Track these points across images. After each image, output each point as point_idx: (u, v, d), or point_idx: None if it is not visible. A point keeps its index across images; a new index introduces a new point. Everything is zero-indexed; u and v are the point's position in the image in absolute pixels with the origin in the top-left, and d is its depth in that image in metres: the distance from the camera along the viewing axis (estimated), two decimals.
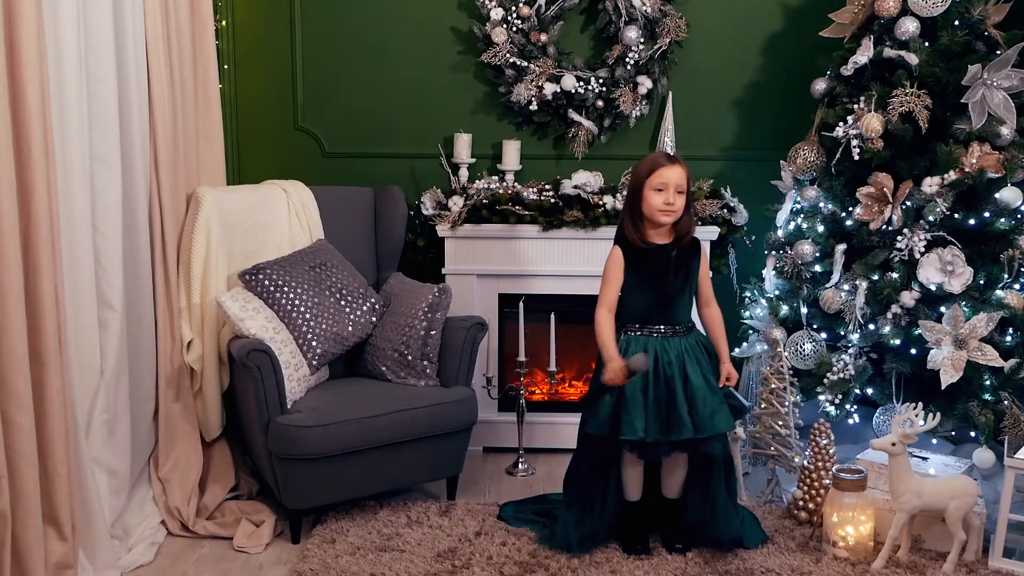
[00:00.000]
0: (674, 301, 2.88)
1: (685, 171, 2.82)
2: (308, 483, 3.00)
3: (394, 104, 4.01)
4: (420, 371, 3.32)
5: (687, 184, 2.83)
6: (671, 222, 2.84)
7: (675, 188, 2.79)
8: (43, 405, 2.50)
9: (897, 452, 2.78)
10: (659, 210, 2.80)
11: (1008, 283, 3.18)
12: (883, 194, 3.27)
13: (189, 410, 3.24)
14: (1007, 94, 3.19)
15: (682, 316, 2.90)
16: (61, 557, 2.57)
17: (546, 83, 3.81)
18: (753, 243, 3.90)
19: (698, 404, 2.77)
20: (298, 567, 2.83)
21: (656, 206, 2.80)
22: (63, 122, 2.66)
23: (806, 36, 3.80)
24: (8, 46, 2.36)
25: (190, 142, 3.39)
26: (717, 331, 2.96)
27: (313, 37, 3.98)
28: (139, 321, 3.08)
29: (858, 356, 3.32)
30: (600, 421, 2.81)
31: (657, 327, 2.87)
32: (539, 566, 2.83)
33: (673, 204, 2.79)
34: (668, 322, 2.87)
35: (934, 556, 2.89)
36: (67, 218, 2.69)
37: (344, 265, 3.48)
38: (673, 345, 2.85)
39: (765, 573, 2.80)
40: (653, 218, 2.83)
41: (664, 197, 2.79)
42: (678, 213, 2.82)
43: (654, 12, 3.79)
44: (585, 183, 3.76)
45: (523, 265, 3.82)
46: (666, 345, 2.84)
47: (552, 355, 3.65)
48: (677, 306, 2.88)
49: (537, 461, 3.78)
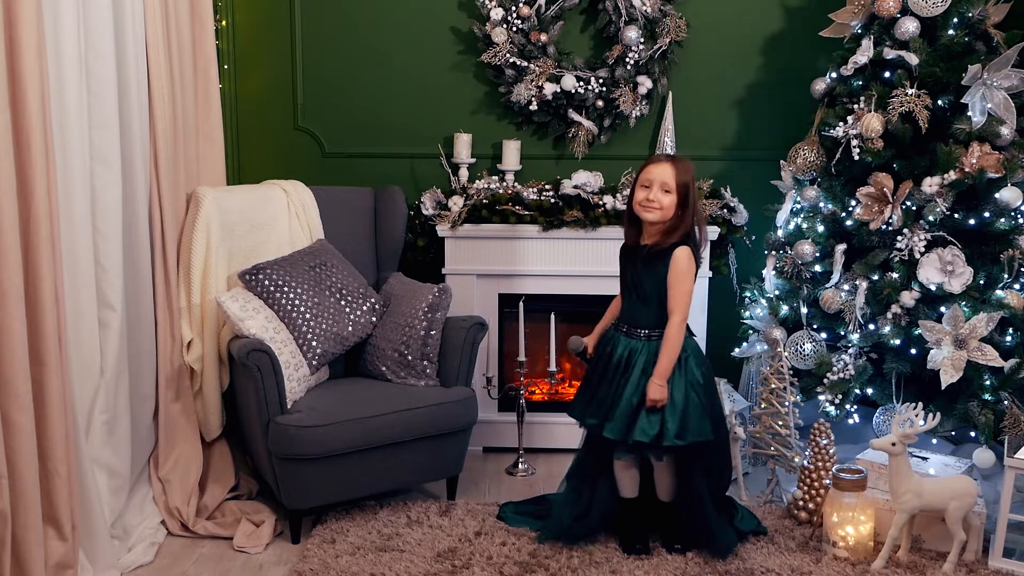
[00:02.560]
0: (640, 303, 2.87)
1: (678, 171, 2.78)
2: (308, 483, 3.00)
3: (394, 104, 4.01)
4: (420, 371, 3.32)
5: (680, 184, 2.77)
6: (652, 219, 2.80)
7: (660, 186, 2.77)
8: (43, 405, 2.50)
9: (897, 452, 2.78)
10: (639, 204, 2.81)
11: (1008, 283, 3.18)
12: (883, 194, 3.27)
13: (189, 410, 3.24)
14: (1007, 94, 3.19)
15: (643, 319, 2.86)
16: (61, 557, 2.57)
17: (546, 83, 3.81)
18: (753, 243, 3.90)
19: (622, 406, 2.80)
20: (298, 567, 2.83)
21: (637, 200, 2.81)
22: (63, 122, 2.66)
23: (806, 36, 3.80)
24: (8, 46, 2.36)
25: (190, 142, 3.39)
26: (663, 346, 2.79)
27: (313, 37, 3.98)
28: (139, 321, 3.08)
29: (858, 356, 3.32)
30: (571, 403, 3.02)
31: (622, 326, 2.93)
32: (539, 566, 2.83)
33: (654, 201, 2.77)
34: (630, 323, 2.90)
35: (934, 556, 2.89)
36: (67, 218, 2.69)
37: (344, 265, 3.48)
38: (630, 345, 2.87)
39: (765, 573, 2.80)
40: (636, 213, 2.84)
41: (646, 193, 2.79)
42: (662, 212, 2.78)
43: (654, 12, 3.79)
44: (585, 183, 3.77)
45: (523, 265, 3.82)
46: (627, 344, 2.88)
47: (552, 355, 3.65)
48: (643, 309, 2.86)
49: (537, 461, 3.78)
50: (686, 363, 2.83)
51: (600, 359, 2.95)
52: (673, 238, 2.81)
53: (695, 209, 2.82)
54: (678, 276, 2.79)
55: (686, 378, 2.82)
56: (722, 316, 3.89)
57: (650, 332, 2.86)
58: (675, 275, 2.79)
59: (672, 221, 2.81)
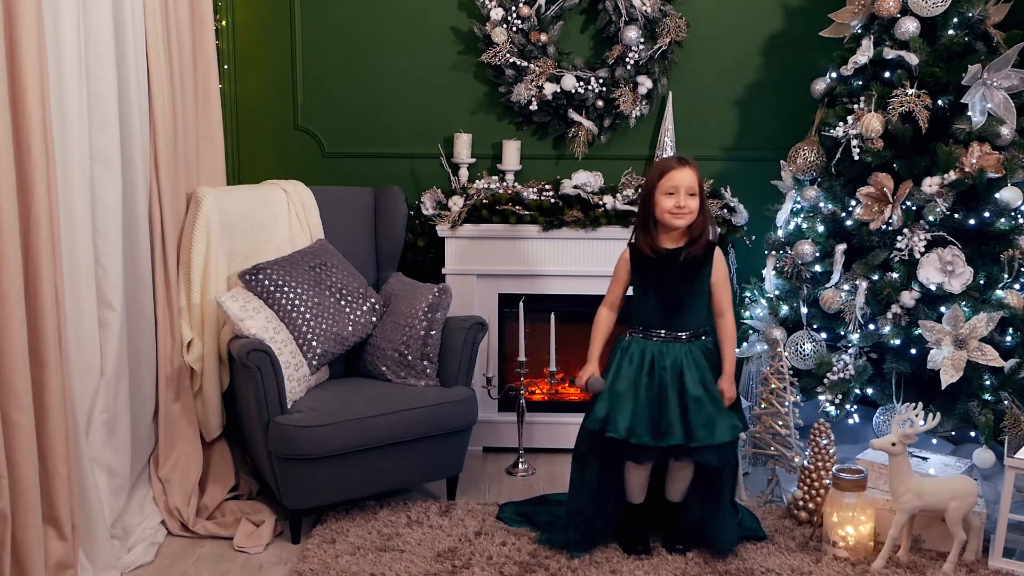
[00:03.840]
0: (679, 307, 2.84)
1: (696, 173, 2.80)
2: (308, 483, 3.00)
3: (394, 104, 4.01)
4: (420, 371, 3.32)
5: (699, 186, 2.79)
6: (684, 225, 2.80)
7: (686, 191, 2.77)
8: (43, 405, 2.50)
9: (897, 452, 2.78)
10: (670, 213, 2.78)
11: (1008, 283, 3.18)
12: (883, 194, 3.27)
13: (189, 410, 3.24)
14: (1007, 94, 3.19)
15: (689, 322, 2.85)
16: (61, 557, 2.57)
17: (546, 83, 3.81)
18: (753, 243, 3.90)
19: (691, 412, 2.75)
20: (298, 567, 2.83)
21: (666, 209, 2.78)
22: (63, 122, 2.66)
23: (806, 36, 3.80)
24: (8, 46, 2.36)
25: (190, 142, 3.39)
26: (724, 345, 2.87)
27: (313, 37, 3.98)
28: (139, 321, 3.08)
29: (858, 356, 3.32)
30: (595, 417, 2.82)
31: (658, 331, 2.85)
32: (539, 566, 2.83)
33: (684, 207, 2.77)
34: (671, 328, 2.85)
35: (934, 556, 2.89)
36: (67, 218, 2.69)
37: (344, 265, 3.48)
38: (672, 351, 2.82)
39: (765, 573, 2.80)
40: (665, 222, 2.80)
41: (675, 200, 2.77)
42: (692, 215, 2.79)
43: (654, 12, 3.79)
44: (585, 183, 3.77)
45: (523, 265, 3.82)
46: (664, 350, 2.82)
47: (552, 355, 3.65)
48: (683, 312, 2.84)
49: (537, 461, 3.78)
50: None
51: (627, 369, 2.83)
52: (705, 239, 2.83)
53: (703, 204, 2.84)
54: (723, 275, 2.88)
55: None
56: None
57: (691, 334, 2.84)
58: (721, 275, 2.87)
59: (698, 223, 2.82)
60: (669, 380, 2.79)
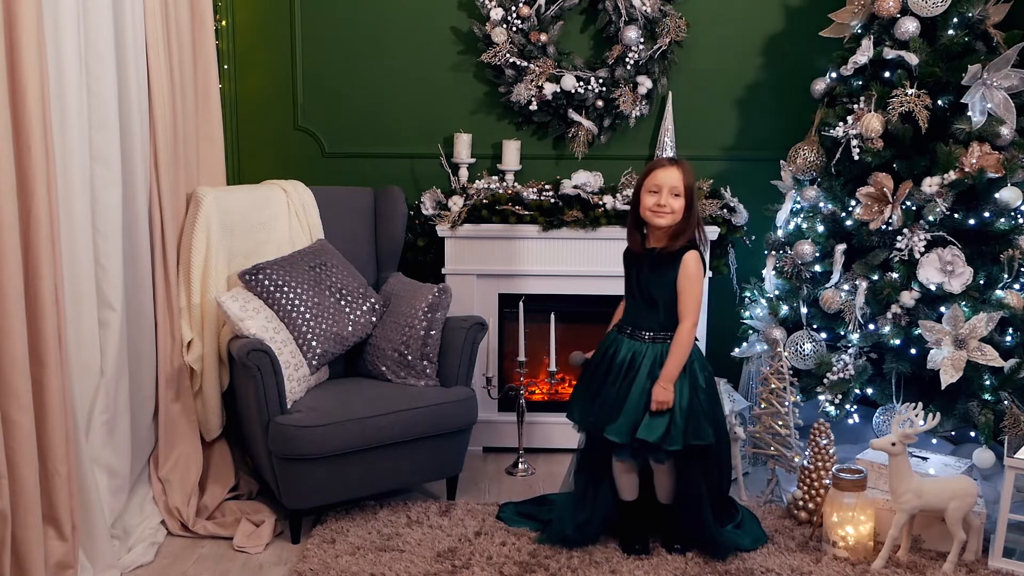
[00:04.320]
0: (646, 306, 2.87)
1: (684, 174, 2.79)
2: (308, 483, 3.00)
3: (394, 104, 4.01)
4: (420, 371, 3.32)
5: (686, 187, 2.79)
6: (665, 224, 2.81)
7: (669, 190, 2.77)
8: (43, 405, 2.50)
9: (897, 452, 2.78)
10: (650, 211, 2.80)
11: (1008, 283, 3.18)
12: (883, 194, 3.27)
13: (189, 410, 3.24)
14: (1007, 94, 3.20)
15: (652, 323, 2.86)
16: (61, 557, 2.57)
17: (546, 83, 3.81)
18: (753, 243, 3.90)
19: (627, 408, 2.79)
20: (298, 567, 2.83)
21: (647, 207, 2.80)
22: (63, 122, 2.66)
23: (806, 36, 3.80)
24: (8, 46, 2.36)
25: (190, 142, 3.39)
26: (671, 348, 2.81)
27: (313, 37, 3.98)
28: (139, 321, 3.08)
29: (858, 356, 3.32)
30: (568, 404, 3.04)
31: (627, 328, 2.92)
32: (539, 566, 2.83)
33: (665, 206, 2.77)
34: (638, 326, 2.89)
35: (934, 556, 2.89)
36: (67, 218, 2.69)
37: (344, 265, 3.48)
38: (638, 349, 2.86)
39: (765, 573, 2.80)
40: (646, 219, 2.83)
41: (656, 199, 2.78)
42: (674, 216, 2.79)
43: (654, 12, 3.79)
44: (585, 183, 3.77)
45: (523, 265, 3.82)
46: (633, 348, 2.87)
47: (552, 355, 3.65)
48: (648, 312, 2.87)
49: (537, 461, 3.78)
50: (690, 367, 2.84)
51: (601, 362, 2.94)
52: (681, 241, 2.82)
53: (690, 207, 2.83)
54: (689, 280, 2.81)
55: (690, 381, 2.83)
56: (722, 316, 3.89)
57: (655, 335, 2.86)
58: (686, 279, 2.81)
59: (680, 224, 2.81)
60: (622, 375, 2.85)
